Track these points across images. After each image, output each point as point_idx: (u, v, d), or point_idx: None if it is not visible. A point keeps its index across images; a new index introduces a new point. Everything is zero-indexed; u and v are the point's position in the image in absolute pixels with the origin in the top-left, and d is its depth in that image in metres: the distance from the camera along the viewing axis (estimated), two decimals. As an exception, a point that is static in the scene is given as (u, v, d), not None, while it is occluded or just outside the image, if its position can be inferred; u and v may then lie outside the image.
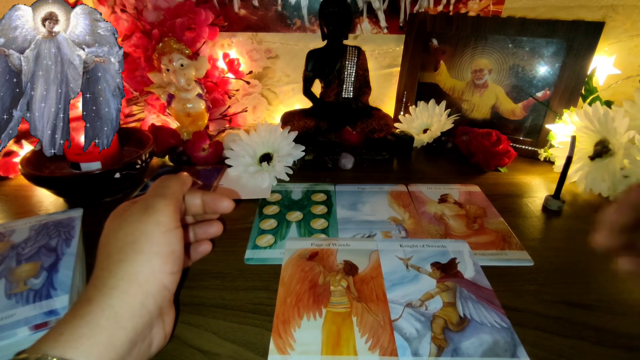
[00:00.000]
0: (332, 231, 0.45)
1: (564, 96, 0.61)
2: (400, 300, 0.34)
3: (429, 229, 0.46)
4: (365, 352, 0.29)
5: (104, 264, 0.25)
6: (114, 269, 0.24)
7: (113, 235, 0.26)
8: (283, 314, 0.33)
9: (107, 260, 0.25)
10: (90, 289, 0.24)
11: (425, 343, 0.30)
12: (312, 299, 0.34)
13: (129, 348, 0.23)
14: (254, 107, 0.79)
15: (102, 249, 0.27)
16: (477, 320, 0.32)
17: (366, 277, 0.37)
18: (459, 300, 0.34)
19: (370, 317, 0.33)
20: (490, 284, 0.36)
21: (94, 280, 0.25)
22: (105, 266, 0.25)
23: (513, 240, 0.44)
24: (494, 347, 0.30)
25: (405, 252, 0.40)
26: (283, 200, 0.51)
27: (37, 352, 0.20)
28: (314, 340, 0.30)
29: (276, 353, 0.29)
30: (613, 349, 0.30)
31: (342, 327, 0.32)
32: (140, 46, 0.68)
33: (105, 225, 0.28)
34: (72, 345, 0.21)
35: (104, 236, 0.27)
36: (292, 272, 0.37)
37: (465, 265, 0.39)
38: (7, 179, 0.58)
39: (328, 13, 0.61)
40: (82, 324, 0.22)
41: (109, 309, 0.23)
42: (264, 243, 0.43)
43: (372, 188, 0.54)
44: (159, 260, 0.25)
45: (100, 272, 0.25)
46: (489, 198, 0.52)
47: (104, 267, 0.25)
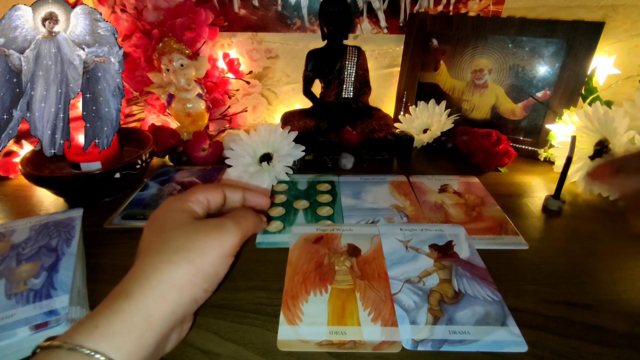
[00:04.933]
0: (337, 218, 0.47)
1: (564, 96, 0.61)
2: (399, 277, 0.37)
3: (430, 216, 0.48)
4: (368, 323, 0.32)
5: (153, 258, 0.25)
6: (161, 267, 0.25)
7: (176, 233, 0.27)
8: (292, 290, 0.35)
9: (159, 255, 0.25)
10: (131, 282, 0.24)
11: (422, 313, 0.33)
12: (318, 277, 0.37)
13: (154, 349, 0.23)
14: (254, 107, 0.79)
15: (157, 238, 0.27)
16: (471, 294, 0.35)
17: (368, 258, 0.39)
18: (454, 277, 0.37)
19: (373, 292, 0.35)
20: (491, 282, 0.36)
21: (137, 271, 0.25)
22: (154, 261, 0.25)
23: (509, 226, 0.46)
24: (485, 317, 0.32)
25: (405, 235, 0.43)
26: (290, 190, 0.54)
27: (71, 341, 0.21)
28: (320, 313, 0.33)
29: (286, 324, 0.32)
30: (613, 349, 0.30)
31: (346, 302, 0.34)
32: (140, 46, 0.68)
33: (169, 212, 0.28)
34: (105, 339, 0.21)
35: (167, 226, 0.27)
36: (299, 253, 0.40)
37: (461, 246, 0.41)
38: (7, 179, 0.58)
39: (328, 13, 0.61)
40: (117, 320, 0.22)
41: (144, 309, 0.23)
42: (274, 228, 0.45)
43: (374, 179, 0.56)
44: (202, 277, 0.26)
45: (146, 266, 0.25)
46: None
47: (151, 261, 0.25)
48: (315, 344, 0.30)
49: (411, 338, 0.30)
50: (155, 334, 0.23)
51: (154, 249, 0.26)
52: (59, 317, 0.29)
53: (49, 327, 0.29)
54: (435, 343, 0.30)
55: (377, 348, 0.30)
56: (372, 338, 0.30)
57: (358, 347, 0.30)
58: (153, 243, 0.26)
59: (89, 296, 0.35)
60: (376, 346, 0.30)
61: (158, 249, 0.26)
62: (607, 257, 0.41)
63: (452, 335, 0.31)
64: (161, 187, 0.54)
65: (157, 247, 0.26)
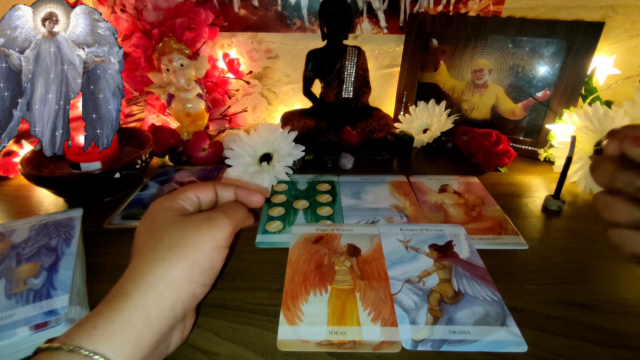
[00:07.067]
0: (337, 218, 0.47)
1: (564, 96, 0.61)
2: (399, 277, 0.37)
3: (430, 216, 0.48)
4: (368, 323, 0.32)
5: (148, 257, 0.25)
6: (156, 265, 0.25)
7: (168, 231, 0.27)
8: (291, 290, 0.35)
9: (153, 254, 0.25)
10: (128, 281, 0.24)
11: (422, 313, 0.33)
12: (317, 277, 0.37)
13: (153, 348, 0.23)
14: (254, 107, 0.79)
15: (150, 237, 0.27)
16: (471, 294, 0.35)
17: (368, 258, 0.39)
18: (454, 277, 0.37)
19: (372, 292, 0.35)
20: (491, 282, 0.36)
21: (133, 271, 0.25)
22: (149, 260, 0.25)
23: (509, 226, 0.46)
24: (485, 317, 0.32)
25: (405, 235, 0.43)
26: (290, 190, 0.54)
27: (70, 342, 0.21)
28: (320, 313, 0.33)
29: (286, 324, 0.32)
30: (613, 348, 0.30)
31: (346, 302, 0.34)
32: (140, 46, 0.68)
33: (159, 211, 0.28)
34: (104, 340, 0.21)
35: (158, 225, 0.27)
36: (299, 253, 0.40)
37: (461, 246, 0.41)
38: (7, 179, 0.58)
39: (328, 13, 0.61)
40: (116, 320, 0.22)
41: (142, 308, 0.23)
42: (274, 228, 0.45)
43: (373, 179, 0.57)
44: (198, 271, 0.26)
45: (141, 265, 0.25)
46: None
47: (146, 260, 0.25)
48: (315, 344, 0.30)
49: (411, 338, 0.31)
50: (154, 332, 0.23)
51: (148, 248, 0.26)
52: (59, 317, 0.29)
53: (49, 327, 0.29)
54: (435, 343, 0.30)
55: (377, 348, 0.30)
56: (372, 338, 0.30)
57: (358, 347, 0.30)
58: (146, 243, 0.27)
59: (89, 296, 0.35)
60: (376, 346, 0.30)
61: (152, 248, 0.26)
62: (607, 257, 0.40)
63: (452, 335, 0.31)
64: (161, 187, 0.54)
65: (150, 247, 0.26)
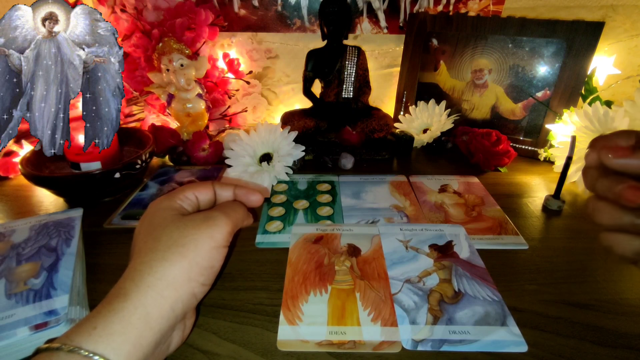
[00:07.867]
0: (337, 218, 0.47)
1: (564, 96, 0.61)
2: (399, 277, 0.37)
3: (430, 216, 0.48)
4: (368, 323, 0.32)
5: (147, 257, 0.25)
6: (155, 265, 0.25)
7: (167, 230, 0.27)
8: (291, 290, 0.35)
9: (152, 254, 0.25)
10: (127, 282, 0.24)
11: (422, 313, 0.33)
12: (318, 277, 0.37)
13: (153, 348, 0.23)
14: (254, 107, 0.79)
15: (149, 237, 0.27)
16: (471, 294, 0.35)
17: (368, 258, 0.39)
18: (454, 277, 0.37)
19: (372, 292, 0.35)
20: (491, 282, 0.36)
21: (133, 271, 0.25)
22: (148, 260, 0.25)
23: (509, 226, 0.46)
24: (485, 317, 0.32)
25: (405, 235, 0.43)
26: (290, 190, 0.54)
27: (70, 343, 0.21)
28: (320, 313, 0.33)
29: (286, 324, 0.32)
30: (613, 349, 0.30)
31: (346, 302, 0.34)
32: (140, 46, 0.68)
33: (158, 211, 0.28)
34: (104, 340, 0.21)
35: (157, 225, 0.27)
36: (299, 253, 0.40)
37: (461, 246, 0.41)
38: (7, 179, 0.58)
39: (328, 13, 0.61)
40: (115, 320, 0.22)
41: (141, 308, 0.23)
42: (273, 228, 0.45)
43: (373, 179, 0.57)
44: (197, 270, 0.26)
45: (140, 265, 0.25)
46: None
47: (145, 260, 0.25)
48: (315, 344, 0.30)
49: (411, 338, 0.31)
50: (154, 332, 0.23)
51: (147, 248, 0.26)
52: (59, 317, 0.29)
53: (49, 327, 0.29)
54: (435, 343, 0.30)
55: (377, 348, 0.30)
56: (372, 338, 0.30)
57: (358, 347, 0.30)
58: (145, 243, 0.27)
59: (89, 296, 0.35)
60: (376, 346, 0.30)
61: (151, 248, 0.26)
62: (607, 257, 0.40)
63: (452, 335, 0.31)
64: (161, 187, 0.54)
65: (149, 247, 0.26)
